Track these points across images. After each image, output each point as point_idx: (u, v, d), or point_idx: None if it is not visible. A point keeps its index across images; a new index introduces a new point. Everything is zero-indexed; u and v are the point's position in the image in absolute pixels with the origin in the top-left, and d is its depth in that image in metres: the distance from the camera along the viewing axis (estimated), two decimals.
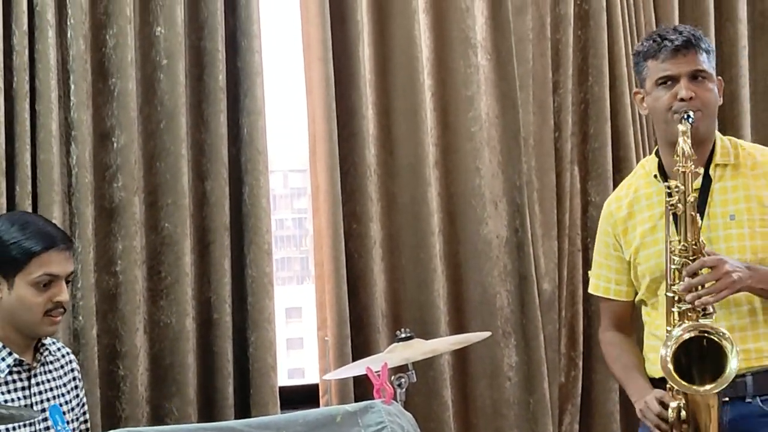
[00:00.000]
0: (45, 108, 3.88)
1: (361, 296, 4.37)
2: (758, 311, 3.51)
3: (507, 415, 4.49)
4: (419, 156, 4.43)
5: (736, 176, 3.57)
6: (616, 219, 3.71)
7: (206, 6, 4.14)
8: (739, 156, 3.60)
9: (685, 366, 3.37)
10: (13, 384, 3.37)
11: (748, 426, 3.55)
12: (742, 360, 3.42)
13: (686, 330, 3.34)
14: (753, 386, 3.53)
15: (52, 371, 3.49)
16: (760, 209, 3.51)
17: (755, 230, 3.50)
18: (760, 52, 5.03)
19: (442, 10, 4.51)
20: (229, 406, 4.08)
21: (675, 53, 3.50)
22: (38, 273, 3.28)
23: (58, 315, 3.35)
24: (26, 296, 3.30)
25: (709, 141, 3.60)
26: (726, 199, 3.54)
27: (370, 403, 3.25)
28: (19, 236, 3.33)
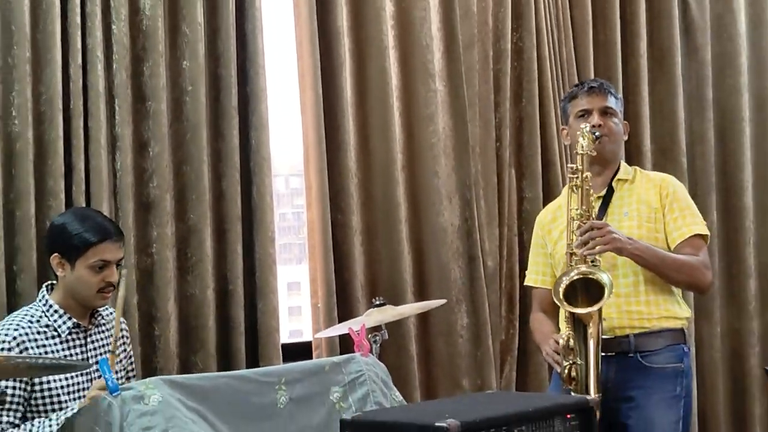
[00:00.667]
0: (95, 125, 3.86)
1: (344, 273, 4.36)
2: (640, 282, 3.61)
3: (459, 365, 4.50)
4: (390, 161, 4.43)
5: (631, 188, 3.78)
6: (543, 223, 3.89)
7: (222, 43, 4.12)
8: (636, 176, 3.81)
9: (574, 300, 3.49)
10: (73, 342, 3.38)
11: (629, 377, 3.62)
12: (626, 321, 3.59)
13: (577, 273, 3.47)
14: (634, 344, 3.62)
15: (104, 332, 3.50)
16: (647, 209, 3.68)
17: (642, 223, 3.67)
18: (657, 80, 5.05)
19: (407, 46, 4.51)
20: (241, 359, 4.07)
21: (590, 92, 3.74)
22: (94, 259, 3.29)
23: (108, 291, 3.36)
24: (84, 276, 3.31)
25: (615, 163, 3.82)
26: (622, 203, 3.72)
27: (351, 356, 3.27)
28: (80, 228, 3.34)
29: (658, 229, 3.66)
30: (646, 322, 3.62)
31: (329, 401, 3.10)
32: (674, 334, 3.67)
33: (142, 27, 3.99)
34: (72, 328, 3.37)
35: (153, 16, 3.98)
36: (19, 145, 3.75)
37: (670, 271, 3.59)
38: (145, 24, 3.99)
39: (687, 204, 3.71)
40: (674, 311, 3.68)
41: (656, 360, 3.62)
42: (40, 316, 3.34)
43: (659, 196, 3.68)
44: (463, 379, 4.50)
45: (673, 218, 3.65)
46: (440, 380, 4.51)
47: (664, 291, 3.65)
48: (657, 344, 3.62)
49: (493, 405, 2.91)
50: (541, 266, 3.84)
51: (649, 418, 3.59)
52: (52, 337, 3.33)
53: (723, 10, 5.23)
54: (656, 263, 3.55)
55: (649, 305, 3.62)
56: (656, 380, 3.61)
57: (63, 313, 3.35)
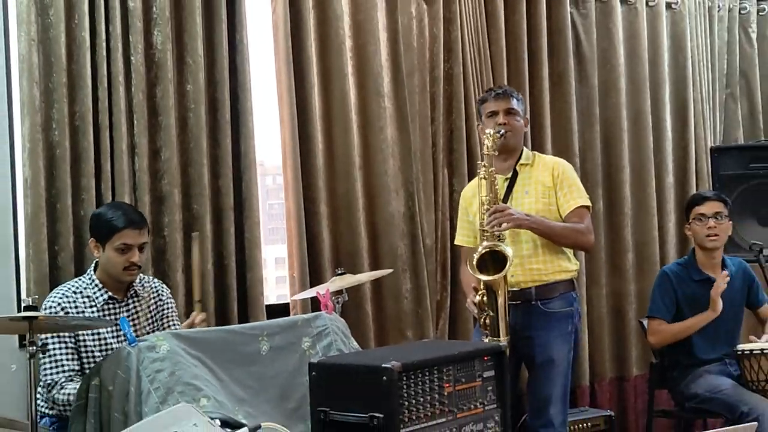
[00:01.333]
0: (118, 135, 3.86)
1: (314, 249, 4.36)
2: (538, 246, 3.69)
3: (404, 320, 4.52)
4: (350, 163, 4.43)
5: (531, 171, 3.83)
6: (466, 197, 3.95)
7: (218, 71, 4.12)
8: (535, 160, 3.87)
9: (484, 268, 3.53)
10: (107, 311, 3.41)
11: (533, 320, 3.72)
12: (529, 275, 3.68)
13: (485, 247, 3.54)
14: (535, 294, 3.71)
15: (137, 305, 3.50)
16: (543, 188, 3.74)
17: (539, 199, 3.75)
18: (556, 99, 5.08)
19: (362, 73, 4.51)
20: (235, 317, 4.09)
21: (497, 97, 3.80)
22: (118, 242, 3.30)
23: (133, 270, 3.36)
24: (111, 257, 3.32)
25: (517, 151, 3.86)
26: (524, 183, 3.79)
27: (318, 314, 3.33)
28: (109, 217, 3.34)
29: (551, 203, 3.75)
30: (544, 277, 3.72)
31: (301, 349, 3.14)
32: (566, 284, 3.77)
33: (155, 59, 3.99)
34: (107, 300, 3.38)
35: (163, 50, 3.98)
36: (58, 151, 3.76)
37: (558, 237, 3.70)
38: (157, 56, 3.99)
39: (573, 182, 3.79)
40: (565, 266, 3.77)
41: (552, 306, 3.72)
42: (84, 287, 3.36)
43: (552, 176, 3.77)
44: (407, 331, 4.52)
45: (563, 194, 3.74)
46: (389, 332, 4.52)
47: (556, 251, 3.74)
48: (552, 293, 3.73)
49: (428, 350, 2.98)
50: (466, 230, 3.92)
51: (548, 350, 3.70)
52: (90, 306, 3.35)
53: (607, 45, 5.27)
54: (548, 232, 3.66)
55: (545, 263, 3.72)
56: (553, 321, 3.72)
57: (101, 287, 3.37)
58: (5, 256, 3.71)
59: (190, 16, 4.06)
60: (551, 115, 5.03)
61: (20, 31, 3.70)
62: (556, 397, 3.68)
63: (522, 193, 3.75)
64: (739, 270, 4.26)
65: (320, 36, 4.43)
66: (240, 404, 2.90)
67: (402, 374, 2.60)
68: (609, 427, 4.41)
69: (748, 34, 5.86)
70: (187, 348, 2.87)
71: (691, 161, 5.52)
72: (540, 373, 3.72)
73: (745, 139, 5.76)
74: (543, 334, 3.70)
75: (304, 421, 2.90)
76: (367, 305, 4.43)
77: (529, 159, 3.84)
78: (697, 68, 5.57)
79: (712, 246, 4.15)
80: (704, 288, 4.15)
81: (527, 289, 3.69)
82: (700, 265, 4.20)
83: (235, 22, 4.20)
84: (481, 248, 3.56)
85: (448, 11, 4.72)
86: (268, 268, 4.60)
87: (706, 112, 5.60)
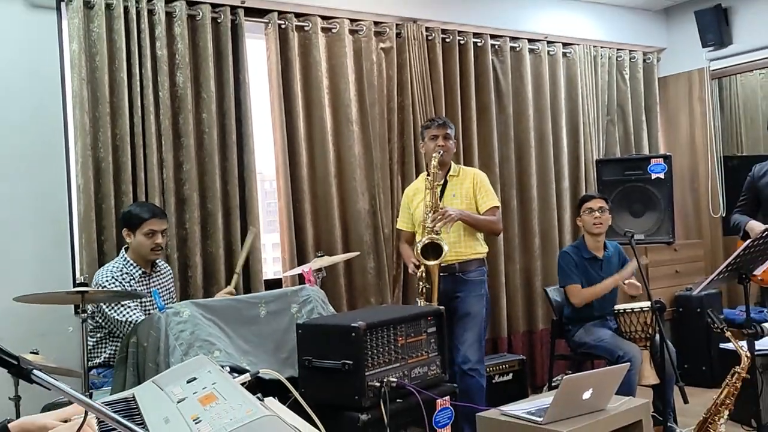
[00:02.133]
0: (150, 152, 3.83)
1: (300, 237, 4.34)
2: (461, 236, 3.85)
3: (369, 290, 4.52)
4: (327, 173, 4.42)
5: (457, 180, 4.01)
6: (408, 195, 4.07)
7: (226, 103, 4.10)
8: (460, 172, 4.00)
9: (426, 254, 3.62)
10: (141, 282, 3.37)
11: (457, 285, 3.84)
12: (455, 255, 3.79)
13: (428, 239, 3.65)
14: (458, 268, 3.83)
15: (161, 277, 3.49)
16: (466, 192, 3.91)
17: (463, 200, 3.90)
18: (480, 125, 5.07)
19: (336, 105, 4.49)
20: (240, 289, 4.02)
21: (438, 126, 3.89)
22: (146, 229, 3.28)
23: (158, 250, 3.35)
24: (141, 241, 3.30)
25: (448, 165, 3.97)
26: (452, 189, 3.92)
27: (303, 286, 3.32)
28: (138, 211, 3.33)
29: (472, 203, 3.91)
30: (465, 256, 3.86)
31: (290, 313, 3.14)
32: (479, 261, 3.92)
33: (178, 94, 3.96)
34: (141, 274, 3.36)
35: (184, 87, 3.95)
36: (103, 165, 3.72)
37: (481, 226, 3.88)
38: (179, 92, 3.96)
39: (488, 188, 3.96)
40: (479, 249, 3.94)
41: (471, 275, 3.88)
42: (121, 266, 3.33)
43: (472, 183, 3.93)
44: (371, 298, 4.52)
45: (481, 196, 3.91)
46: (358, 299, 4.51)
47: (473, 238, 3.90)
48: (470, 267, 3.88)
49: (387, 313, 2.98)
50: (406, 218, 4.06)
51: (467, 306, 3.84)
52: (130, 279, 3.32)
53: (518, 83, 5.30)
54: (474, 223, 3.84)
55: (466, 247, 3.87)
56: (471, 286, 3.87)
57: (135, 265, 3.34)
58: (63, 244, 3.67)
59: (204, 62, 4.03)
60: (477, 137, 5.04)
61: (73, 72, 3.67)
62: (473, 340, 3.79)
63: (450, 196, 3.89)
64: (616, 251, 4.31)
65: (304, 77, 4.41)
66: (245, 355, 2.89)
67: (366, 331, 2.62)
68: (522, 368, 4.45)
69: (623, 75, 5.92)
70: (204, 313, 2.85)
71: (582, 170, 5.57)
72: (461, 323, 3.82)
73: (621, 153, 5.83)
74: (464, 295, 3.84)
75: (293, 367, 2.90)
76: (340, 279, 4.42)
77: (456, 171, 3.97)
78: (585, 100, 5.62)
79: (597, 232, 4.20)
80: (591, 263, 4.20)
81: (453, 264, 3.83)
82: (588, 247, 4.24)
83: (239, 65, 4.17)
84: (425, 239, 3.66)
85: (401, 58, 4.71)
86: (267, 251, 4.58)
87: (592, 133, 5.65)
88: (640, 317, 3.84)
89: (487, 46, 5.11)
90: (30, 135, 3.61)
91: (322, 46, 4.43)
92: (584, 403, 2.81)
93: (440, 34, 4.89)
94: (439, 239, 3.64)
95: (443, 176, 3.90)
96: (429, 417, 2.72)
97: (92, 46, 3.72)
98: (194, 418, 1.36)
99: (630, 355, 3.71)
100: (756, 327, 3.00)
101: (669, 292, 5.16)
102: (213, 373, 1.61)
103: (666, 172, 5.23)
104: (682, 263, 5.35)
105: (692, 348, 5.02)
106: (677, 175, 5.66)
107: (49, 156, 3.65)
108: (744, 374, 3.02)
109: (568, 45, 5.57)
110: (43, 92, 3.65)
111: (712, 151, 5.86)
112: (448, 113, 4.88)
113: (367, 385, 2.57)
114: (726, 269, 3.04)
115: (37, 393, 2.50)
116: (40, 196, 3.62)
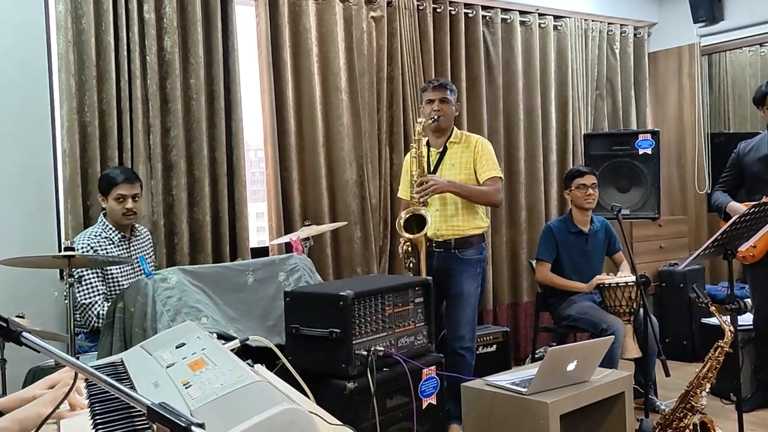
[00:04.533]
0: (136, 117, 3.78)
1: (287, 206, 4.33)
2: (459, 207, 3.69)
3: (355, 259, 4.52)
4: (315, 141, 4.39)
5: (458, 147, 3.82)
6: (407, 163, 3.84)
7: (214, 69, 4.05)
8: (462, 139, 3.81)
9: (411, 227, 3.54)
10: (121, 246, 3.39)
11: (450, 264, 3.71)
12: (451, 230, 3.66)
13: (413, 211, 3.55)
14: (454, 244, 3.68)
15: (140, 241, 3.48)
16: (466, 161, 3.72)
17: (462, 170, 3.73)
18: (470, 97, 5.06)
19: (325, 73, 4.45)
20: (227, 256, 4.05)
21: (434, 88, 3.72)
22: (115, 194, 3.26)
23: (129, 215, 3.33)
24: (112, 206, 3.30)
25: (448, 130, 3.83)
26: (452, 157, 3.78)
27: (291, 254, 3.31)
28: (109, 176, 3.33)
29: (471, 172, 3.72)
30: (461, 231, 3.72)
31: (277, 281, 3.13)
32: (478, 237, 3.76)
33: (165, 59, 3.90)
34: (120, 238, 3.34)
35: (172, 51, 3.89)
36: (89, 129, 3.67)
37: (474, 197, 3.69)
38: (167, 57, 3.90)
39: (489, 157, 3.75)
40: (479, 224, 3.77)
41: (467, 253, 3.72)
42: (100, 231, 3.32)
43: (473, 151, 3.74)
44: (357, 268, 4.52)
45: (481, 166, 3.71)
46: (344, 268, 4.52)
47: (472, 212, 3.74)
48: (468, 245, 3.72)
49: (374, 282, 2.98)
50: (406, 186, 3.80)
51: (461, 285, 3.70)
52: (109, 244, 3.30)
53: (509, 56, 5.27)
54: (466, 194, 3.65)
55: (464, 221, 3.72)
56: (466, 264, 3.72)
57: (114, 229, 3.32)
58: (49, 209, 3.63)
59: (193, 26, 3.97)
60: (467, 108, 5.02)
61: (59, 34, 3.60)
62: (466, 320, 3.69)
63: (449, 165, 3.73)
64: (603, 226, 4.33)
65: (293, 44, 4.36)
66: (232, 322, 2.89)
67: (354, 300, 2.62)
68: (506, 339, 4.48)
69: (613, 49, 5.91)
70: (191, 280, 2.84)
71: (570, 144, 5.57)
72: (454, 303, 3.72)
73: (609, 128, 5.84)
74: (458, 273, 3.69)
75: (280, 335, 2.91)
76: (327, 248, 4.41)
77: (458, 137, 3.78)
78: (575, 74, 5.61)
79: (588, 207, 4.21)
80: (577, 237, 4.22)
81: (448, 240, 3.69)
82: (575, 221, 4.25)
83: (228, 31, 4.11)
84: (404, 214, 3.58)
85: (391, 27, 4.67)
86: (251, 220, 4.55)
87: (581, 107, 5.64)
88: (625, 291, 3.87)
89: (478, 18, 5.06)
90: (15, 98, 3.54)
91: (312, 14, 4.37)
92: (568, 375, 2.84)
93: (431, 4, 4.85)
94: (421, 210, 3.53)
95: (442, 143, 3.76)
96: (415, 386, 2.73)
97: (78, 8, 3.64)
98: (184, 383, 1.35)
99: (614, 328, 3.74)
100: (739, 303, 3.03)
101: (653, 267, 5.20)
102: (202, 339, 1.61)
103: (653, 147, 5.24)
104: (667, 239, 5.39)
105: (674, 323, 5.08)
106: (664, 151, 5.68)
107: (35, 119, 3.59)
108: (727, 348, 3.07)
109: (559, 18, 5.54)
110: (28, 54, 3.57)
111: (700, 127, 5.88)
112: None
113: (354, 353, 2.58)
114: (712, 245, 3.07)
115: (21, 356, 2.50)
116: (25, 160, 3.56)
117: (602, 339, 3.06)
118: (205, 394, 1.26)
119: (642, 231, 5.23)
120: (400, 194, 4.01)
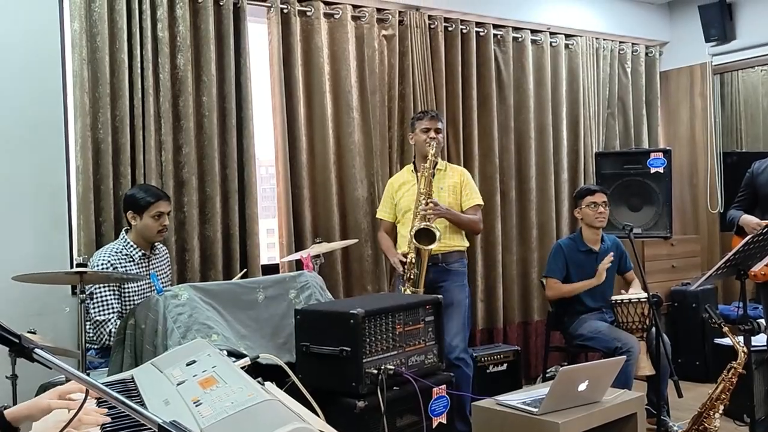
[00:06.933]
0: (149, 135, 3.81)
1: (299, 223, 4.33)
2: (447, 229, 3.93)
3: (366, 277, 4.52)
4: (327, 159, 4.41)
5: (444, 174, 4.06)
6: (394, 186, 4.10)
7: (226, 86, 4.07)
8: (447, 168, 4.05)
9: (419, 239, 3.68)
10: (141, 264, 3.37)
11: (441, 275, 3.92)
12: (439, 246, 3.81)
13: (420, 225, 3.71)
14: (441, 258, 3.90)
15: (159, 259, 3.48)
16: (453, 186, 4.01)
17: (450, 194, 3.98)
18: (481, 115, 5.06)
19: (337, 92, 4.47)
20: (237, 273, 4.03)
21: (430, 119, 3.99)
22: (154, 211, 3.28)
23: (164, 232, 3.36)
24: (148, 223, 3.30)
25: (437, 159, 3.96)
26: (440, 182, 3.98)
27: (301, 272, 3.30)
28: (145, 194, 3.32)
29: (458, 199, 3.98)
30: (448, 248, 3.93)
31: (288, 298, 3.12)
32: (460, 253, 4.01)
33: (178, 76, 3.93)
34: (141, 256, 3.35)
35: (185, 69, 3.93)
36: (102, 146, 3.70)
37: (462, 224, 3.97)
38: (180, 75, 3.93)
39: (473, 186, 4.06)
40: (460, 243, 4.01)
41: (453, 266, 3.97)
42: (121, 248, 3.32)
43: (459, 179, 4.00)
44: (368, 286, 4.52)
45: (466, 194, 3.99)
46: (355, 286, 4.51)
47: (457, 233, 3.98)
48: (452, 258, 3.96)
49: (384, 300, 2.97)
50: (388, 208, 4.08)
51: (451, 295, 3.86)
52: (128, 262, 3.31)
53: (520, 74, 5.28)
54: (455, 220, 3.91)
55: (450, 240, 3.95)
56: (454, 275, 3.96)
57: (136, 247, 3.33)
58: (61, 225, 3.65)
59: (206, 44, 4.00)
60: (478, 127, 5.02)
61: (74, 52, 3.64)
62: (458, 328, 3.82)
63: (438, 189, 3.92)
64: (614, 244, 4.31)
65: (305, 62, 4.39)
66: (242, 339, 2.88)
67: (365, 318, 2.61)
68: (517, 358, 4.45)
69: (624, 68, 5.92)
70: (202, 297, 2.84)
71: (581, 162, 5.56)
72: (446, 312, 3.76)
73: (620, 147, 5.83)
74: (448, 284, 3.89)
75: (290, 353, 2.90)
76: (338, 266, 4.42)
77: (443, 166, 4.04)
78: (586, 93, 5.61)
79: (599, 225, 4.21)
80: (587, 256, 4.21)
81: (436, 254, 3.88)
82: (585, 240, 4.24)
83: (240, 49, 4.14)
84: (420, 224, 3.73)
85: (403, 46, 4.70)
86: (261, 237, 4.56)
87: (592, 126, 5.64)
88: (637, 308, 3.85)
89: (490, 36, 5.08)
90: (30, 114, 3.58)
91: (324, 32, 4.40)
92: (580, 395, 2.82)
93: (442, 23, 4.87)
94: (432, 227, 3.70)
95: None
96: (425, 405, 2.72)
97: (93, 26, 3.68)
98: (195, 401, 1.35)
99: (628, 346, 3.72)
100: (752, 323, 3.00)
101: (665, 286, 5.17)
102: (213, 356, 1.61)
103: (665, 166, 5.23)
104: (679, 258, 5.35)
105: (687, 343, 5.04)
106: (676, 170, 5.66)
107: (49, 136, 3.62)
108: (740, 369, 3.04)
109: (570, 37, 5.56)
110: (43, 71, 3.61)
111: (712, 146, 5.86)
112: (448, 103, 4.88)
113: (365, 372, 2.57)
114: (725, 265, 3.05)
115: (32, 371, 2.50)
116: (38, 176, 3.59)
117: (614, 359, 3.03)
118: (216, 412, 1.26)
119: (654, 250, 5.21)
120: (379, 215, 4.16)
